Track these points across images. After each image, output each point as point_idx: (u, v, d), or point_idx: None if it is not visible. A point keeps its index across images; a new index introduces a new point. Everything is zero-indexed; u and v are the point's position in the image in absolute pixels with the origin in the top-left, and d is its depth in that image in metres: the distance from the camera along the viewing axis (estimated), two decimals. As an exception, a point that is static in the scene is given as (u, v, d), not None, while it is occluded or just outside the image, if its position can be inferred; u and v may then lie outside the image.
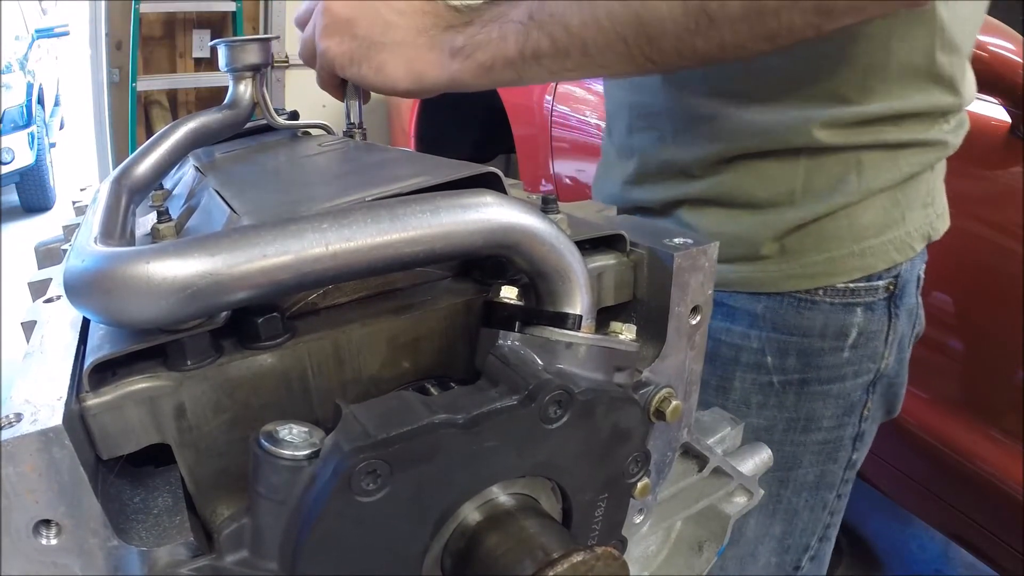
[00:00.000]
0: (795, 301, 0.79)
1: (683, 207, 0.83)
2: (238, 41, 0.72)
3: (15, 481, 0.31)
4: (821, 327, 0.79)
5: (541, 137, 2.34)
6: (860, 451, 0.89)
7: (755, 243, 0.77)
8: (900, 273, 0.79)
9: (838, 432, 0.85)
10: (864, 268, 0.77)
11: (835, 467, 0.88)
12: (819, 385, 0.82)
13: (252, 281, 0.33)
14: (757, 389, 0.83)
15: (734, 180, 0.78)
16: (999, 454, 1.33)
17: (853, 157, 0.74)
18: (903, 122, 0.73)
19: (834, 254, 0.76)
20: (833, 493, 0.90)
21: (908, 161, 0.75)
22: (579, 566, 0.33)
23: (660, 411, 0.48)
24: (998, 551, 1.40)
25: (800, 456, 0.85)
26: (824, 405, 0.83)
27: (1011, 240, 1.26)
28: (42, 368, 0.37)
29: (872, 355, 0.82)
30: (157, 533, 0.35)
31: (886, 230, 0.77)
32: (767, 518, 0.89)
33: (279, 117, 0.78)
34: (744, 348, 0.82)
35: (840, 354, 0.80)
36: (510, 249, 0.39)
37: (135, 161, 0.61)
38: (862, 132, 0.73)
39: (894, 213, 0.77)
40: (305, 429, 0.34)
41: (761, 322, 0.80)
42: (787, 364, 0.81)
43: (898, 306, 0.81)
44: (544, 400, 0.36)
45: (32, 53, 6.16)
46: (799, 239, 0.77)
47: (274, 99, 2.71)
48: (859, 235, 0.76)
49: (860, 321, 0.79)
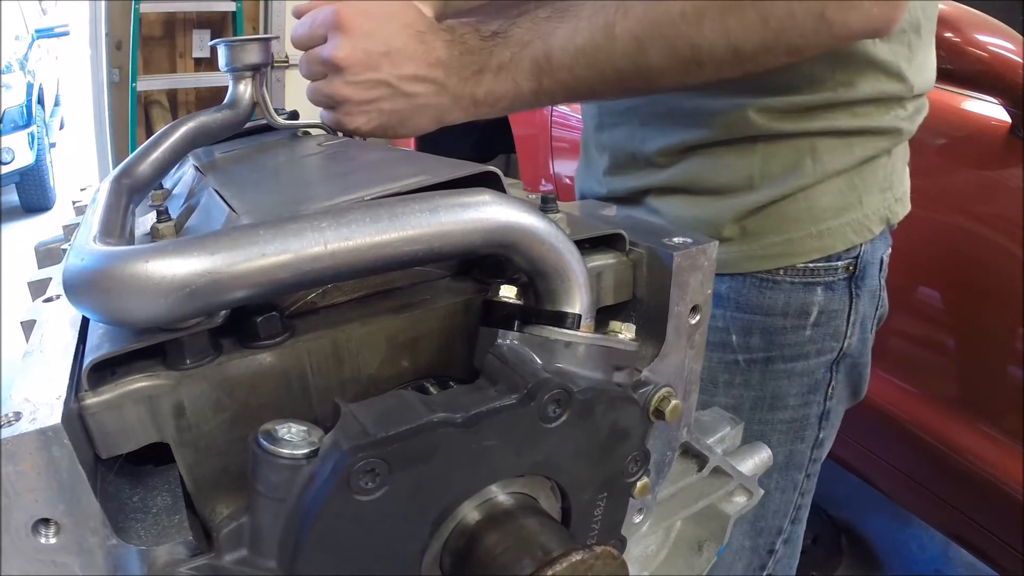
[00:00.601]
0: (757, 281, 0.82)
1: (650, 195, 0.88)
2: (238, 41, 0.72)
3: (14, 480, 0.31)
4: (783, 306, 0.82)
5: (541, 137, 2.34)
6: (826, 431, 0.91)
7: (717, 226, 0.81)
8: (860, 255, 0.82)
9: (804, 410, 0.88)
10: (822, 249, 0.80)
11: (802, 446, 0.90)
12: (783, 363, 0.85)
13: (251, 280, 0.33)
14: (723, 368, 0.86)
15: (695, 168, 0.82)
16: (999, 454, 1.33)
17: (807, 143, 0.78)
18: (855, 108, 0.77)
19: (793, 235, 0.80)
20: (802, 473, 0.92)
21: (862, 146, 0.79)
22: (578, 565, 0.33)
23: (659, 410, 0.48)
24: (998, 551, 1.40)
25: (768, 435, 0.88)
26: (789, 383, 0.86)
27: (1011, 240, 1.26)
28: (41, 367, 0.37)
29: (834, 333, 0.84)
30: (156, 532, 0.35)
31: (843, 212, 0.80)
32: None
33: (279, 117, 0.78)
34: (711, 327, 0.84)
35: (802, 332, 0.83)
36: (509, 248, 0.39)
37: (135, 161, 0.61)
38: (812, 118, 0.77)
39: (850, 196, 0.80)
40: (304, 428, 0.34)
41: (725, 302, 0.84)
42: (751, 343, 0.84)
43: (859, 287, 0.84)
44: (543, 399, 0.36)
45: (32, 53, 6.16)
46: (759, 222, 0.80)
47: (274, 99, 2.71)
48: (817, 217, 0.79)
49: (820, 300, 0.82)
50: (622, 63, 0.65)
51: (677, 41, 0.63)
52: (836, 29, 0.61)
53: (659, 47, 0.64)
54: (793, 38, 0.61)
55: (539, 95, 0.69)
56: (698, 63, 0.64)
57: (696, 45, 0.63)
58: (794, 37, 0.61)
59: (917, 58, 0.79)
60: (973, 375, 1.40)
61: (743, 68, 0.64)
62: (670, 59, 0.64)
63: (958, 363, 1.43)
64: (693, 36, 0.62)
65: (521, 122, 2.47)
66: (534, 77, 0.68)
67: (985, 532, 1.40)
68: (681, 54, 0.63)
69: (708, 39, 0.62)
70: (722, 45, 0.62)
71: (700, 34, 0.62)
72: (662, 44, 0.64)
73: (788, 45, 0.62)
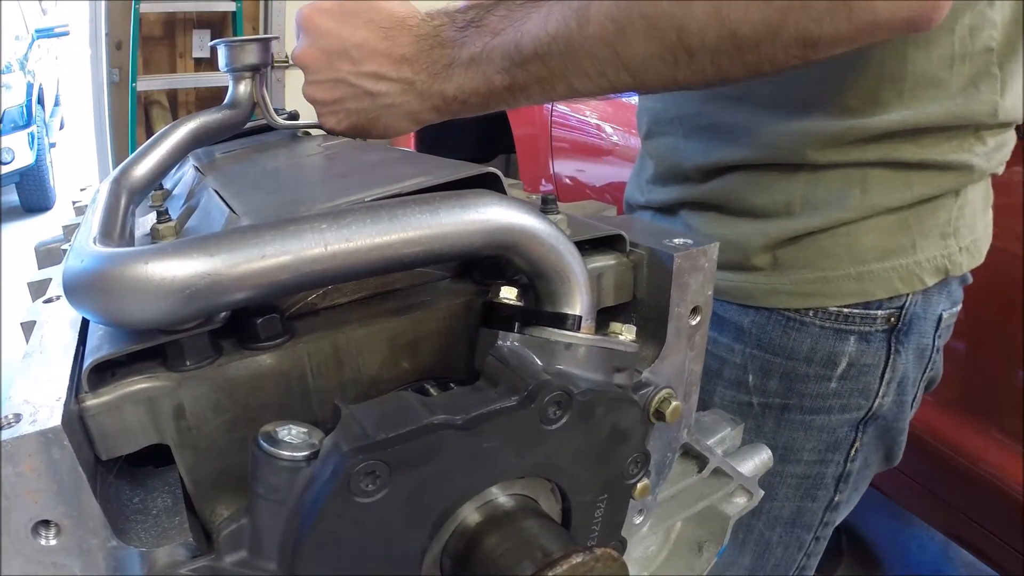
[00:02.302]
0: (783, 319, 0.74)
1: (685, 208, 0.82)
2: (238, 41, 0.72)
3: (14, 481, 0.31)
4: (808, 351, 0.74)
5: (541, 137, 2.34)
6: (844, 494, 0.83)
7: (746, 251, 0.74)
8: (906, 306, 0.73)
9: (819, 468, 0.80)
10: (861, 293, 0.72)
11: (813, 506, 0.83)
12: (800, 414, 0.77)
13: (251, 282, 0.33)
14: (735, 408, 0.79)
15: (731, 185, 0.75)
16: (999, 454, 1.33)
17: (859, 172, 0.69)
18: (920, 138, 0.68)
19: (829, 274, 0.72)
20: (810, 534, 0.85)
21: (923, 182, 0.69)
22: (578, 567, 0.33)
23: (660, 412, 0.48)
24: (998, 551, 1.40)
25: (775, 487, 0.80)
26: (805, 436, 0.78)
27: (1011, 241, 1.26)
28: (41, 368, 0.37)
29: (864, 390, 0.76)
30: (156, 533, 0.35)
31: (890, 256, 0.71)
32: (736, 547, 0.85)
33: (279, 117, 0.78)
34: (727, 362, 0.79)
35: (826, 383, 0.75)
36: (509, 250, 0.39)
37: (135, 161, 0.61)
38: (867, 148, 0.68)
39: (902, 238, 0.71)
40: (304, 430, 0.34)
41: (747, 337, 0.77)
42: (768, 386, 0.77)
43: (901, 342, 0.74)
44: (543, 401, 0.36)
45: (32, 53, 6.16)
46: (793, 253, 0.73)
47: (274, 99, 2.71)
48: (858, 257, 0.71)
49: (852, 351, 0.74)
50: (599, 51, 0.56)
51: (660, 22, 0.53)
52: (858, 15, 0.49)
53: (640, 30, 0.54)
54: (803, 21, 0.50)
55: (513, 91, 0.61)
56: (687, 51, 0.54)
57: (683, 27, 0.53)
58: (804, 20, 0.50)
59: (1006, 83, 0.68)
60: (973, 375, 1.40)
61: (744, 61, 0.53)
62: (654, 45, 0.54)
63: (958, 364, 1.43)
64: (679, 16, 0.52)
65: (521, 122, 2.47)
66: (505, 70, 0.60)
67: (985, 532, 1.40)
68: (667, 38, 0.53)
69: (698, 20, 0.52)
70: (714, 28, 0.52)
71: (688, 14, 0.52)
72: (643, 26, 0.54)
73: (798, 32, 0.50)
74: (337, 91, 0.69)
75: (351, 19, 0.67)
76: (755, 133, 0.71)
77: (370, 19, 0.67)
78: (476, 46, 0.62)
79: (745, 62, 0.54)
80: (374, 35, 0.66)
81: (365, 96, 0.68)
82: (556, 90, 0.61)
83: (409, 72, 0.65)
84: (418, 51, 0.65)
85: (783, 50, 0.52)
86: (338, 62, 0.67)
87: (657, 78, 0.57)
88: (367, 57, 0.66)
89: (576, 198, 1.03)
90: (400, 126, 0.69)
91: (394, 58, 0.66)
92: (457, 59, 0.63)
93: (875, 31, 0.51)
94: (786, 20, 0.50)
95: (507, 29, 0.61)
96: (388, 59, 0.66)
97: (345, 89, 0.68)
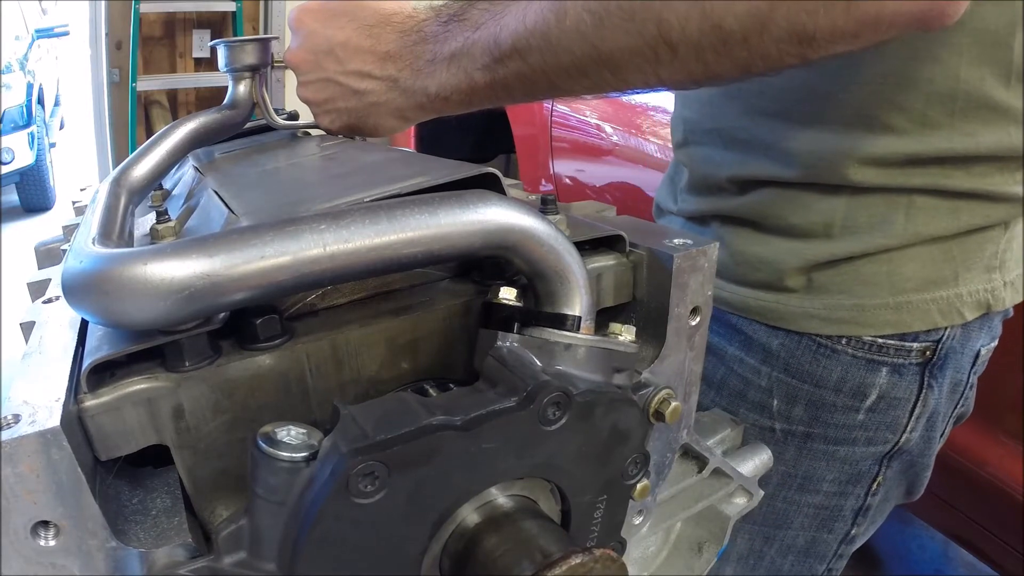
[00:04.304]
0: (814, 345, 0.71)
1: (717, 220, 0.78)
2: (237, 41, 0.72)
3: (13, 482, 0.31)
4: (838, 380, 0.71)
5: (541, 137, 2.34)
6: (862, 527, 0.80)
7: (780, 271, 0.71)
8: (943, 339, 0.69)
9: (838, 500, 0.77)
10: (897, 324, 0.68)
11: (829, 537, 0.80)
12: (824, 444, 0.74)
13: (250, 282, 0.33)
14: (757, 432, 0.76)
15: (768, 200, 0.72)
16: (1000, 454, 1.33)
17: (905, 198, 0.65)
18: (971, 166, 0.64)
19: (866, 302, 0.68)
20: (824, 566, 0.82)
21: (971, 212, 0.66)
22: (578, 568, 0.33)
23: (659, 412, 0.48)
24: (998, 551, 1.40)
25: (791, 516, 0.78)
26: (827, 467, 0.75)
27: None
28: (40, 369, 0.37)
29: (892, 424, 0.73)
30: (155, 534, 0.35)
31: (931, 287, 0.67)
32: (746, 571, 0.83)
33: (279, 117, 0.78)
34: (752, 384, 0.76)
35: (854, 414, 0.72)
36: (509, 250, 0.39)
37: (134, 161, 0.62)
38: (914, 173, 0.64)
39: (944, 269, 0.67)
40: (303, 430, 0.34)
41: (774, 360, 0.74)
42: (793, 413, 0.74)
43: (935, 376, 0.71)
44: (543, 401, 0.36)
45: (32, 53, 6.16)
46: (829, 277, 0.69)
47: (274, 99, 2.70)
48: (898, 286, 0.67)
49: (883, 383, 0.71)
50: (576, 46, 0.53)
51: (639, 13, 0.49)
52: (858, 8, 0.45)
53: (618, 23, 0.50)
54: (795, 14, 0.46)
55: (495, 88, 0.59)
56: (669, 45, 0.49)
57: (663, 19, 0.49)
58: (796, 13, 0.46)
59: None
60: (973, 375, 1.40)
61: (732, 57, 0.49)
62: (633, 39, 0.50)
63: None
64: (658, 8, 0.49)
65: (521, 122, 2.47)
66: (486, 66, 0.58)
67: (985, 532, 1.40)
68: (646, 31, 0.50)
69: (678, 12, 0.48)
70: (697, 20, 0.48)
71: (668, 5, 0.48)
72: (621, 18, 0.50)
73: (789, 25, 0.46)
74: (327, 91, 0.69)
75: (337, 18, 0.67)
76: (795, 150, 0.68)
77: (355, 17, 0.67)
78: (457, 41, 0.60)
79: (733, 58, 0.49)
80: (358, 33, 0.66)
81: (353, 95, 0.68)
82: (538, 87, 0.58)
83: (393, 69, 0.65)
84: (402, 47, 0.64)
85: (775, 45, 0.48)
86: (325, 62, 0.68)
87: (639, 75, 0.53)
88: (351, 55, 0.66)
89: (576, 198, 1.03)
90: (388, 124, 0.69)
91: (378, 55, 0.65)
92: (439, 55, 0.61)
93: (878, 27, 0.47)
94: (775, 11, 0.46)
95: (488, 23, 0.58)
96: (372, 56, 0.65)
97: (334, 88, 0.68)
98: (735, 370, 0.77)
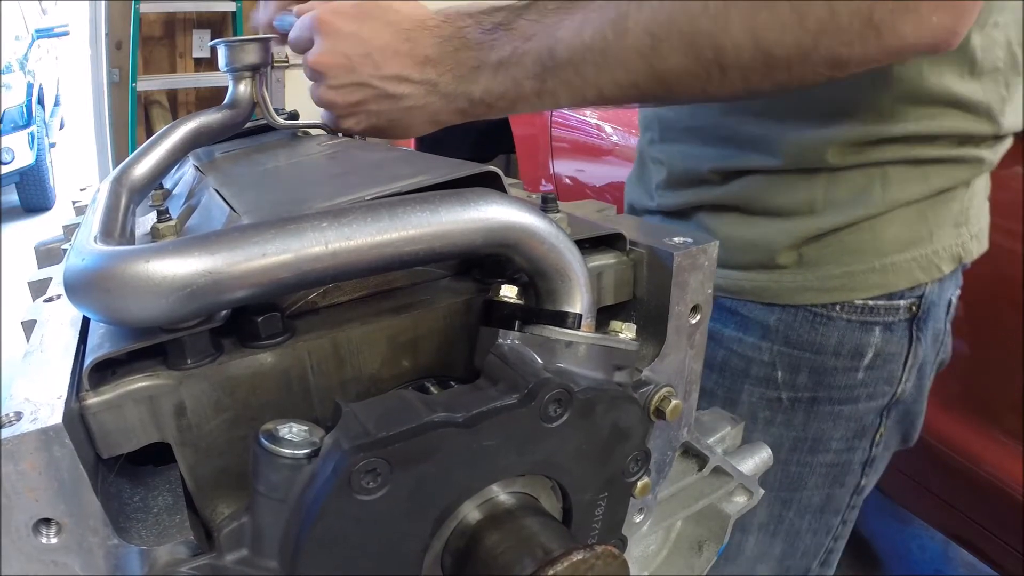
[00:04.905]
0: (810, 315, 0.76)
1: (701, 211, 0.82)
2: (237, 41, 0.72)
3: (15, 480, 0.31)
4: (836, 345, 0.76)
5: (541, 137, 2.34)
6: (870, 477, 0.85)
7: (771, 250, 0.75)
8: (925, 294, 0.76)
9: (847, 456, 0.82)
10: (885, 285, 0.74)
11: (842, 491, 0.85)
12: (829, 405, 0.79)
13: (252, 280, 0.33)
14: (765, 404, 0.80)
15: (753, 186, 0.76)
16: (999, 454, 1.33)
17: (879, 171, 0.72)
18: (936, 142, 0.71)
19: (854, 268, 0.74)
20: (838, 518, 0.87)
21: (939, 176, 0.72)
22: (579, 565, 0.33)
23: (660, 410, 0.48)
24: (998, 551, 1.40)
25: (805, 477, 0.83)
26: (834, 426, 0.80)
27: (1011, 240, 1.26)
28: (42, 367, 0.37)
29: (888, 378, 0.78)
30: (157, 532, 0.35)
31: (911, 247, 0.74)
32: (768, 538, 0.87)
33: (279, 117, 0.78)
34: (754, 361, 0.80)
35: (854, 375, 0.77)
36: (510, 248, 0.39)
37: (135, 161, 0.61)
38: (886, 150, 0.71)
39: (920, 230, 0.74)
40: (305, 428, 0.34)
41: (773, 335, 0.78)
42: (797, 381, 0.78)
43: (921, 329, 0.77)
44: (544, 399, 0.36)
45: (32, 53, 6.16)
46: (818, 250, 0.75)
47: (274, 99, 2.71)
48: (881, 250, 0.74)
49: (878, 342, 0.76)
50: (634, 63, 0.57)
51: (698, 39, 0.55)
52: (886, 38, 0.51)
53: (677, 46, 0.55)
54: (834, 44, 0.52)
55: (542, 95, 0.62)
56: (721, 67, 0.55)
57: (720, 45, 0.54)
58: (835, 43, 0.52)
59: (1013, 98, 0.72)
60: (974, 376, 1.40)
61: (774, 78, 0.55)
62: (689, 61, 0.56)
63: (958, 364, 1.43)
64: (716, 34, 0.54)
65: (521, 122, 2.47)
66: (536, 76, 0.61)
67: (985, 532, 1.40)
68: (702, 55, 0.55)
69: (734, 38, 0.53)
70: (750, 47, 0.53)
71: (725, 32, 0.54)
72: (680, 42, 0.55)
73: (828, 53, 0.52)
74: (358, 94, 0.68)
75: (370, 21, 0.67)
76: (775, 143, 0.73)
77: (389, 21, 0.67)
78: (505, 50, 0.62)
79: (775, 80, 0.55)
80: (396, 37, 0.66)
81: (387, 99, 0.68)
82: (586, 97, 0.62)
83: (433, 74, 0.66)
84: (442, 53, 0.65)
85: (812, 70, 0.54)
86: (361, 65, 0.67)
87: (687, 91, 0.58)
88: (389, 59, 0.66)
89: (576, 198, 1.03)
90: (420, 127, 0.70)
91: (417, 60, 0.66)
92: (485, 62, 0.63)
93: (901, 53, 0.54)
94: (819, 43, 0.52)
95: (539, 34, 0.61)
96: (411, 61, 0.66)
97: (366, 92, 0.68)
98: (735, 350, 0.81)
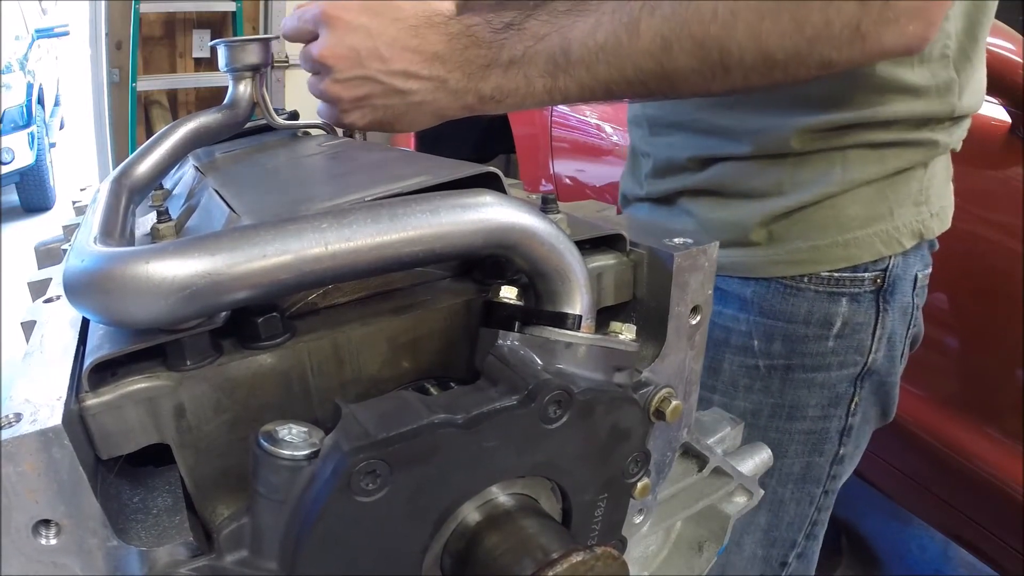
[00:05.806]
0: (781, 287, 0.82)
1: (683, 196, 0.89)
2: (238, 41, 0.72)
3: (15, 481, 0.31)
4: (805, 314, 0.82)
5: (541, 137, 2.34)
6: (848, 447, 0.90)
7: (745, 229, 0.82)
8: (889, 268, 0.82)
9: (823, 423, 0.87)
10: (848, 258, 0.80)
11: (821, 460, 0.89)
12: (803, 372, 0.84)
13: (252, 281, 0.33)
14: (744, 372, 0.86)
15: (727, 172, 0.83)
16: (999, 454, 1.33)
17: (839, 155, 0.78)
18: (891, 126, 0.76)
19: (819, 243, 0.80)
20: (820, 488, 0.91)
21: (895, 158, 0.78)
22: (579, 566, 0.33)
23: (660, 411, 0.48)
24: (998, 551, 1.40)
25: (785, 444, 0.88)
26: (809, 393, 0.85)
27: (1011, 240, 1.26)
28: (42, 368, 0.37)
29: (858, 347, 0.84)
30: (157, 533, 0.35)
31: (871, 223, 0.80)
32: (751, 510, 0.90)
33: (279, 117, 0.78)
34: (734, 331, 0.86)
35: (824, 342, 0.83)
36: (510, 249, 0.39)
37: (135, 161, 0.62)
38: (845, 135, 0.77)
39: (880, 207, 0.80)
40: (305, 429, 0.34)
41: (749, 306, 0.84)
42: (772, 349, 0.84)
43: (887, 301, 0.83)
44: (544, 400, 0.36)
45: (32, 53, 6.16)
46: (786, 227, 0.81)
47: (274, 99, 2.71)
48: (844, 226, 0.79)
49: (845, 311, 0.82)
50: (645, 63, 0.61)
51: (706, 42, 0.59)
52: (869, 44, 0.58)
53: (686, 48, 0.60)
54: (826, 49, 0.58)
55: (552, 93, 0.65)
56: (725, 68, 0.60)
57: (726, 48, 0.59)
58: (827, 48, 0.58)
59: (963, 83, 0.78)
60: (973, 375, 1.40)
61: (771, 77, 0.60)
62: (697, 62, 0.60)
63: (958, 363, 1.43)
64: (724, 38, 0.59)
65: (521, 122, 2.47)
66: (548, 74, 0.64)
67: (985, 532, 1.40)
68: (709, 57, 0.60)
69: (739, 42, 0.58)
70: (753, 50, 0.59)
71: (731, 37, 0.58)
72: (690, 45, 0.60)
73: (821, 56, 0.58)
74: (363, 88, 0.68)
75: (378, 16, 0.67)
76: (745, 131, 0.80)
77: (396, 16, 0.67)
78: (517, 49, 0.64)
79: (772, 78, 0.61)
80: (404, 33, 0.66)
81: (394, 94, 0.68)
82: (595, 93, 0.65)
83: (442, 70, 0.66)
84: (451, 50, 0.66)
85: (805, 70, 0.60)
86: (368, 60, 0.67)
87: (691, 88, 0.63)
88: (397, 54, 0.66)
89: (576, 198, 1.03)
90: (424, 122, 0.70)
91: (425, 56, 0.66)
92: (496, 60, 0.65)
93: (881, 56, 0.61)
94: (813, 48, 0.58)
95: (551, 34, 0.63)
96: (419, 57, 0.66)
97: (372, 86, 0.68)
98: (716, 322, 0.87)
